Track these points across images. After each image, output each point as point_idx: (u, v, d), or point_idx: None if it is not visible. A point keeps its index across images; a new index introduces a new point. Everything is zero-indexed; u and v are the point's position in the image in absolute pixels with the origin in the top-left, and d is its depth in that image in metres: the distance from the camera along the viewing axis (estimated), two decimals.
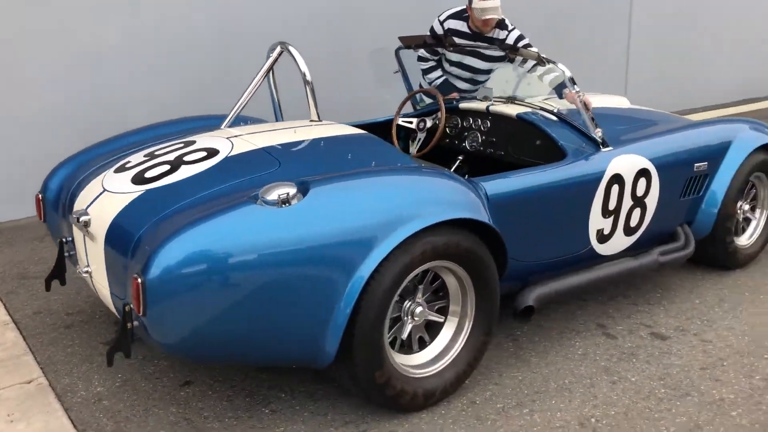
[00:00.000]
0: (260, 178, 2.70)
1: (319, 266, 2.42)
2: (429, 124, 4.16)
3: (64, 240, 3.04)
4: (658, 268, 3.73)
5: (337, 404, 2.88)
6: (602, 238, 3.51)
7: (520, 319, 3.20)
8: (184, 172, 2.80)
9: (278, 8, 5.67)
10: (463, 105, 4.16)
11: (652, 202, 3.66)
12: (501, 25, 4.44)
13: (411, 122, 4.23)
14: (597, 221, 3.45)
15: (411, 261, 2.62)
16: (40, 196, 3.26)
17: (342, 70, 5.79)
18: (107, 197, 2.78)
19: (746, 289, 3.99)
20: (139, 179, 2.81)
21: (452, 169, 4.06)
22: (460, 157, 4.12)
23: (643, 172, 3.57)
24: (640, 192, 3.58)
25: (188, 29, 5.28)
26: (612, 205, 3.48)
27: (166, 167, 2.85)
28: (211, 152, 2.93)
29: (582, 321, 3.62)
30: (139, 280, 2.26)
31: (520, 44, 4.40)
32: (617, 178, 3.45)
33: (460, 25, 4.47)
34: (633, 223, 3.62)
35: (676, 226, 3.92)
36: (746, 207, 4.23)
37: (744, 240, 4.28)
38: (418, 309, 2.82)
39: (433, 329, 2.94)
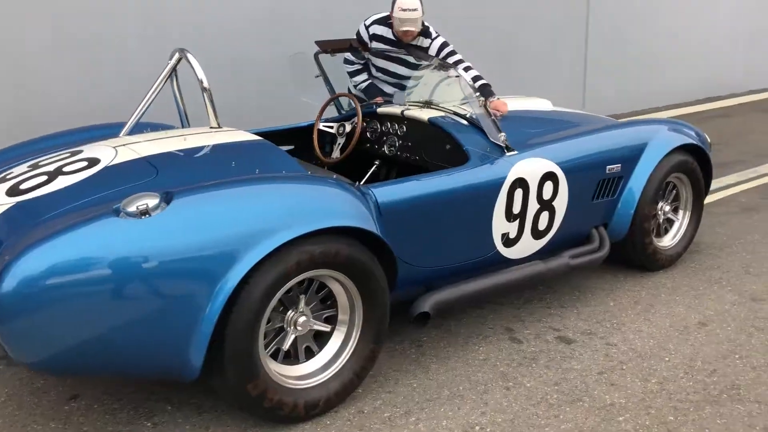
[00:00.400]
0: (133, 188, 2.66)
1: (179, 279, 2.39)
2: (348, 128, 4.13)
3: None
4: (570, 271, 3.71)
5: (222, 417, 2.84)
6: (508, 242, 3.49)
7: (415, 325, 3.17)
8: (59, 183, 2.75)
9: (215, 12, 5.63)
10: (380, 109, 4.13)
11: (561, 205, 3.63)
12: (425, 33, 4.42)
13: (332, 127, 4.21)
14: (501, 225, 3.42)
15: (285, 271, 2.58)
16: None
17: (268, 75, 5.78)
18: None
19: (664, 291, 3.98)
20: (13, 191, 2.77)
21: (368, 175, 4.04)
22: (377, 162, 4.09)
23: (549, 176, 3.54)
24: (546, 195, 3.56)
25: (115, 33, 5.23)
26: (516, 209, 3.45)
27: (43, 178, 2.81)
28: (92, 162, 2.89)
29: (492, 325, 3.59)
30: None
31: (444, 52, 4.39)
32: (521, 183, 3.43)
33: (385, 32, 4.45)
34: (541, 226, 3.60)
35: (591, 228, 3.90)
36: (667, 208, 4.22)
37: (666, 241, 4.26)
38: (302, 319, 2.78)
39: (323, 339, 2.91)
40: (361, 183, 4.08)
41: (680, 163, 4.12)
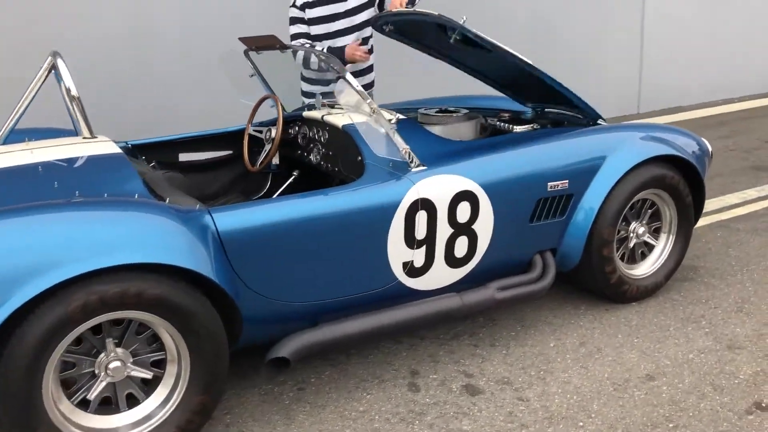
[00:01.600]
0: None
1: None
2: (274, 134, 3.74)
3: None
4: (496, 305, 3.17)
5: None
6: (413, 271, 3.00)
7: (269, 370, 2.75)
8: None
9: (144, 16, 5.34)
10: (306, 113, 3.71)
11: (484, 229, 3.10)
12: None
13: (261, 131, 3.82)
14: (401, 253, 2.94)
15: (67, 314, 2.24)
16: None
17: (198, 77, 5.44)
18: None
19: (623, 330, 3.35)
20: None
21: (282, 188, 3.64)
22: (295, 173, 3.68)
23: (465, 196, 3.02)
24: (462, 218, 3.03)
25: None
26: (420, 234, 2.95)
27: None
28: None
29: (398, 365, 3.12)
30: None
31: None
32: (424, 204, 2.93)
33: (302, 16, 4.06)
34: (459, 253, 3.08)
35: (533, 254, 3.33)
36: (641, 230, 3.56)
37: (642, 269, 3.60)
38: (114, 364, 2.44)
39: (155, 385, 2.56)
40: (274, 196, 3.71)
41: (656, 178, 3.44)
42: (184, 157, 3.96)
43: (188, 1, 5.47)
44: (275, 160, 3.93)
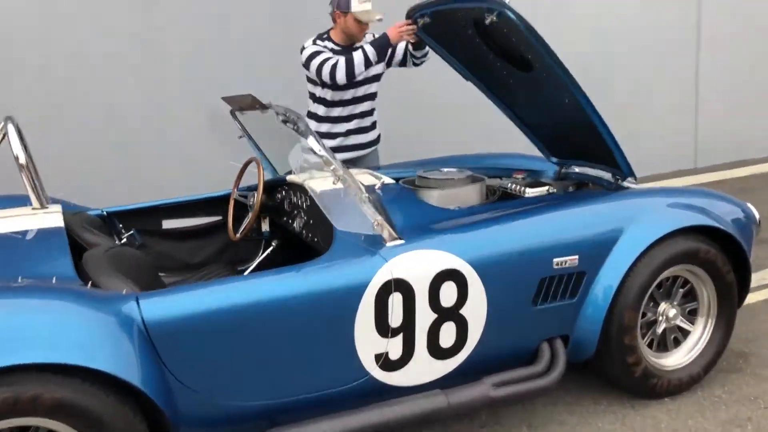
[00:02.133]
0: None
1: None
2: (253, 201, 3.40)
3: None
4: (491, 404, 2.69)
5: None
6: (389, 364, 2.57)
7: None
8: None
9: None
10: (290, 177, 3.37)
11: (475, 314, 2.65)
12: None
13: (245, 196, 3.50)
14: (372, 342, 2.52)
15: None
16: None
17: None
18: None
19: None
20: None
21: (255, 263, 3.29)
22: (274, 243, 3.33)
23: (450, 275, 2.58)
24: (447, 301, 2.59)
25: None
26: (396, 321, 2.53)
27: None
28: None
29: None
30: None
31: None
32: (399, 285, 2.51)
33: (327, 45, 3.87)
34: (446, 343, 2.63)
35: (539, 343, 2.84)
36: (673, 312, 3.02)
37: (675, 359, 3.06)
38: None
39: None
40: (246, 272, 3.35)
41: (687, 253, 2.93)
42: (168, 224, 3.68)
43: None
44: (265, 227, 3.60)
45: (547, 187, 3.33)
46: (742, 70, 7.05)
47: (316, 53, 3.79)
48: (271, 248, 3.33)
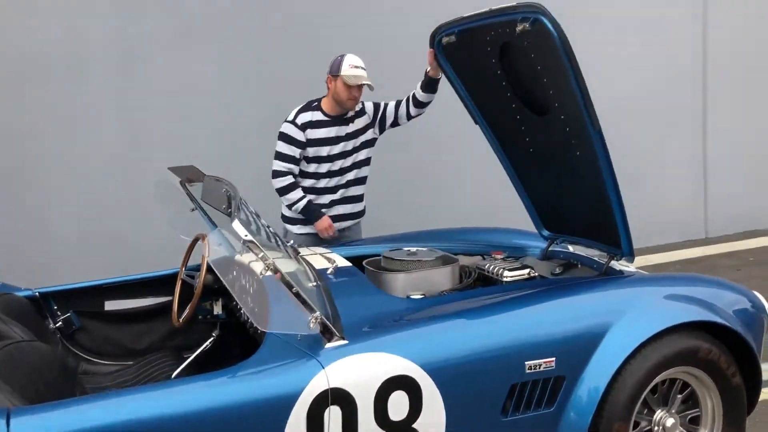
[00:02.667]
0: None
1: None
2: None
3: None
4: None
5: None
6: None
7: None
8: None
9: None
10: (238, 257, 3.01)
11: (432, 427, 2.25)
12: None
13: (193, 277, 3.15)
14: None
15: None
16: None
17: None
18: None
19: None
20: None
21: (199, 351, 2.91)
22: (214, 335, 2.96)
23: (400, 382, 2.20)
24: (397, 414, 2.21)
25: None
26: None
27: None
28: None
29: None
30: None
31: (381, 106, 3.82)
32: (337, 396, 2.12)
33: (314, 115, 3.71)
34: None
35: None
36: (670, 422, 2.59)
37: None
38: None
39: None
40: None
41: (685, 353, 2.52)
42: (111, 305, 3.34)
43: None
44: (217, 310, 3.24)
45: (528, 270, 2.96)
46: (752, 137, 6.71)
47: (282, 145, 3.67)
48: (211, 339, 2.95)
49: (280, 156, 3.68)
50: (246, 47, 5.04)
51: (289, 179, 3.70)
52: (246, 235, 2.23)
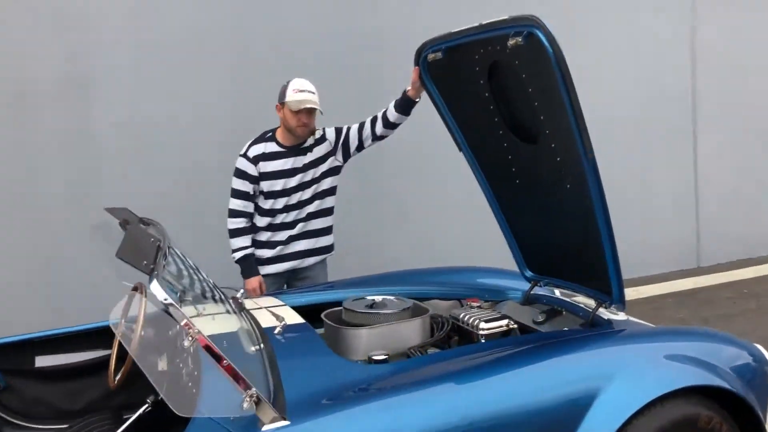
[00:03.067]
0: None
1: None
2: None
3: None
4: None
5: None
6: None
7: None
8: None
9: None
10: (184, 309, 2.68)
11: None
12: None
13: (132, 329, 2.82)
14: None
15: None
16: None
17: None
18: None
19: None
20: None
21: (138, 414, 2.58)
22: (149, 400, 2.62)
23: None
24: None
25: None
26: None
27: None
28: None
29: None
30: None
31: (344, 129, 3.54)
32: None
33: (267, 147, 3.48)
34: None
35: None
36: None
37: None
38: None
39: None
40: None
41: (683, 422, 2.20)
42: (42, 361, 3.01)
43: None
44: (163, 365, 2.90)
45: (506, 321, 2.65)
46: (743, 166, 6.49)
47: (236, 180, 3.46)
48: (146, 406, 2.61)
49: (235, 193, 3.44)
50: (207, 76, 4.75)
51: (241, 223, 3.44)
52: (165, 299, 1.90)
